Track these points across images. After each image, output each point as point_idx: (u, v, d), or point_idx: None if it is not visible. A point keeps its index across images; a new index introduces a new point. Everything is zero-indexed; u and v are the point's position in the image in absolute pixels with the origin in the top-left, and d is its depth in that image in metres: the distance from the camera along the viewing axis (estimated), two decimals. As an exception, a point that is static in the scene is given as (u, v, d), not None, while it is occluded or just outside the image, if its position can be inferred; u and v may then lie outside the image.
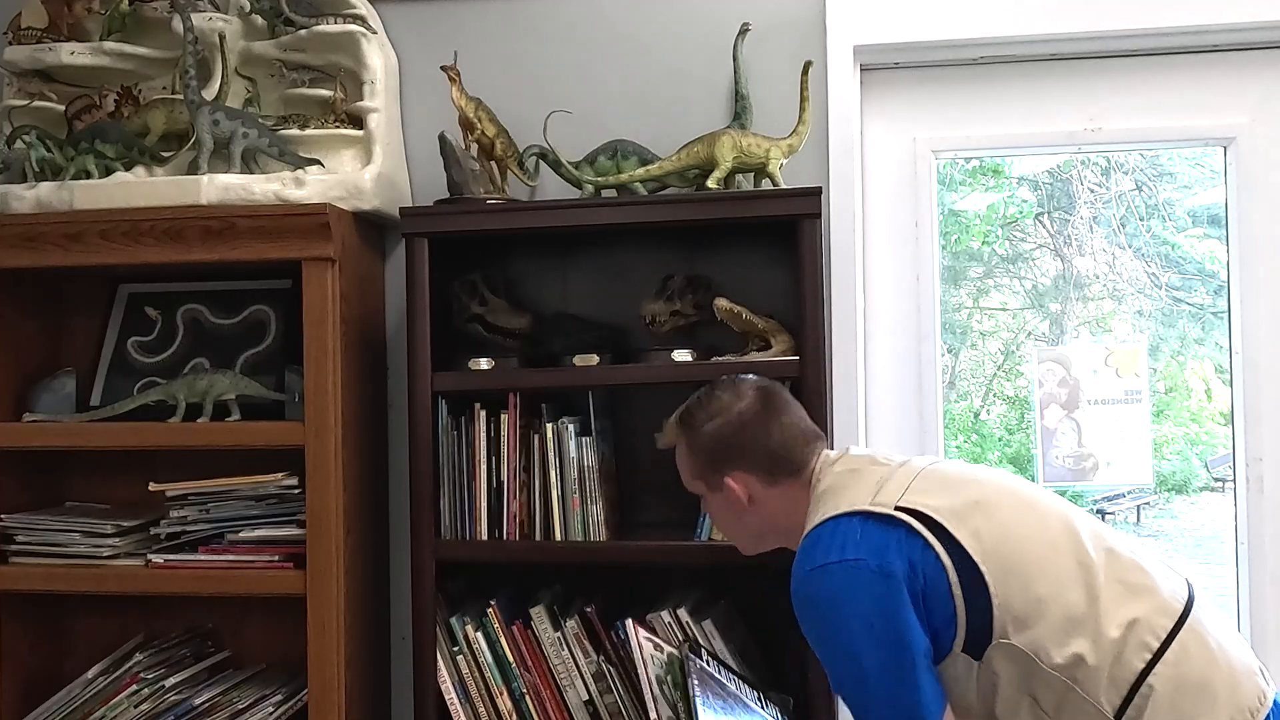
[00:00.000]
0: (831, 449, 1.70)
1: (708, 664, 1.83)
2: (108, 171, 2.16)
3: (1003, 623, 1.43)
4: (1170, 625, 1.43)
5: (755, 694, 1.86)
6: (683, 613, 1.95)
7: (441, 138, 2.07)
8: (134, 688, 2.08)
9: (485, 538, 2.02)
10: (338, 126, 2.19)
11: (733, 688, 1.82)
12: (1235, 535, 2.20)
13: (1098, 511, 6.26)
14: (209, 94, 2.14)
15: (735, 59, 2.12)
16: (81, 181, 2.13)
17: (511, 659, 2.00)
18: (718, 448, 1.66)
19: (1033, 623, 1.42)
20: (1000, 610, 1.42)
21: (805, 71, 2.06)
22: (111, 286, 2.34)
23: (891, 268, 2.24)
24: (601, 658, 1.98)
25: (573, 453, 2.00)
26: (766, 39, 2.18)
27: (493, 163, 2.15)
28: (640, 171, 2.07)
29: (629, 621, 1.88)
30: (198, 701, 2.09)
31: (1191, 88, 2.19)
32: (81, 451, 2.27)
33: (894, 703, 1.42)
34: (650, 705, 1.82)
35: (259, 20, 2.21)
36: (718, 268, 2.15)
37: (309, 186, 2.08)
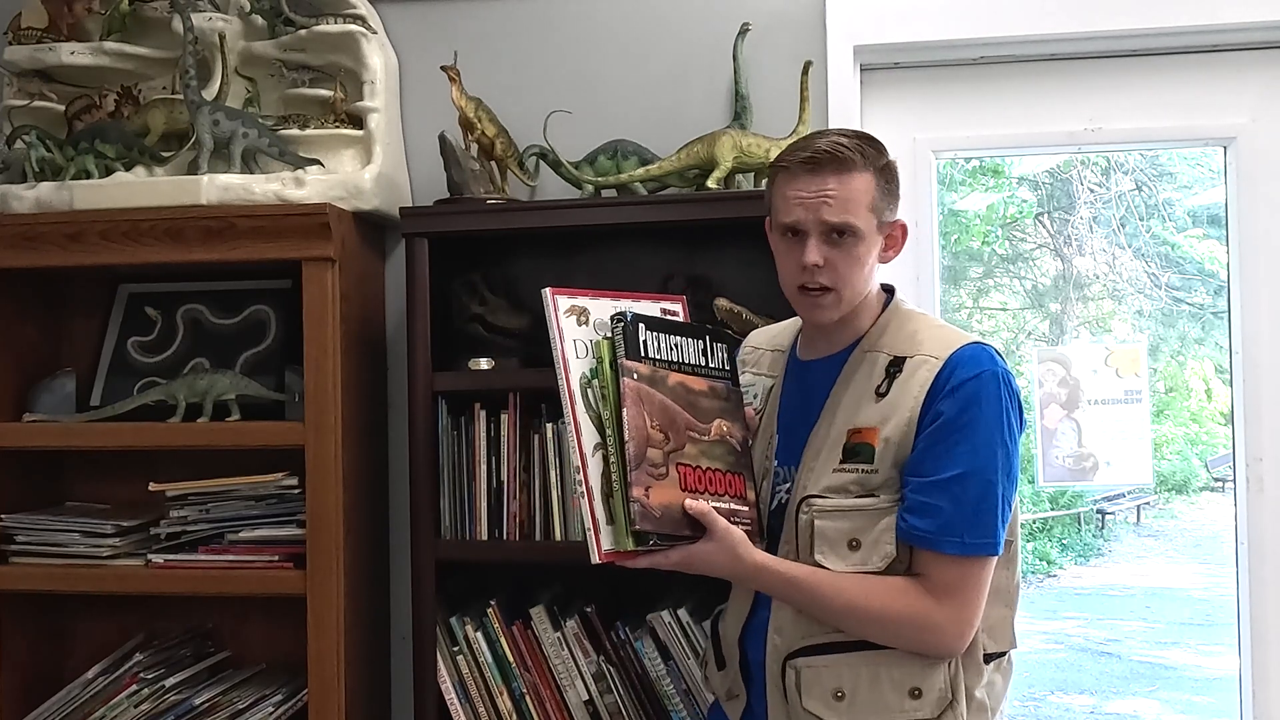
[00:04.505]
0: None
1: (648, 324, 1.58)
2: (108, 171, 2.16)
3: None
4: None
5: (704, 337, 1.64)
6: (683, 613, 1.95)
7: (441, 138, 2.07)
8: (134, 688, 2.08)
9: (485, 538, 2.02)
10: (338, 126, 2.19)
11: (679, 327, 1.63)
12: (1235, 535, 2.20)
13: (1098, 512, 6.29)
14: (209, 94, 2.14)
15: (735, 59, 2.13)
16: (81, 181, 2.13)
17: (511, 659, 2.00)
18: (896, 185, 1.57)
19: None
20: None
21: (805, 71, 2.06)
22: (111, 286, 2.34)
23: (891, 267, 2.24)
24: (601, 658, 1.99)
25: (573, 453, 1.99)
26: (766, 39, 2.18)
27: (493, 163, 2.15)
28: (640, 171, 2.07)
29: (548, 291, 1.59)
30: (198, 701, 2.09)
31: (1191, 88, 2.19)
32: (81, 451, 2.27)
33: (991, 511, 1.45)
34: (571, 430, 1.50)
35: (259, 20, 2.21)
36: (718, 268, 2.16)
37: (309, 186, 2.08)
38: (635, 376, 1.50)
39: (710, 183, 2.01)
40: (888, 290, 1.63)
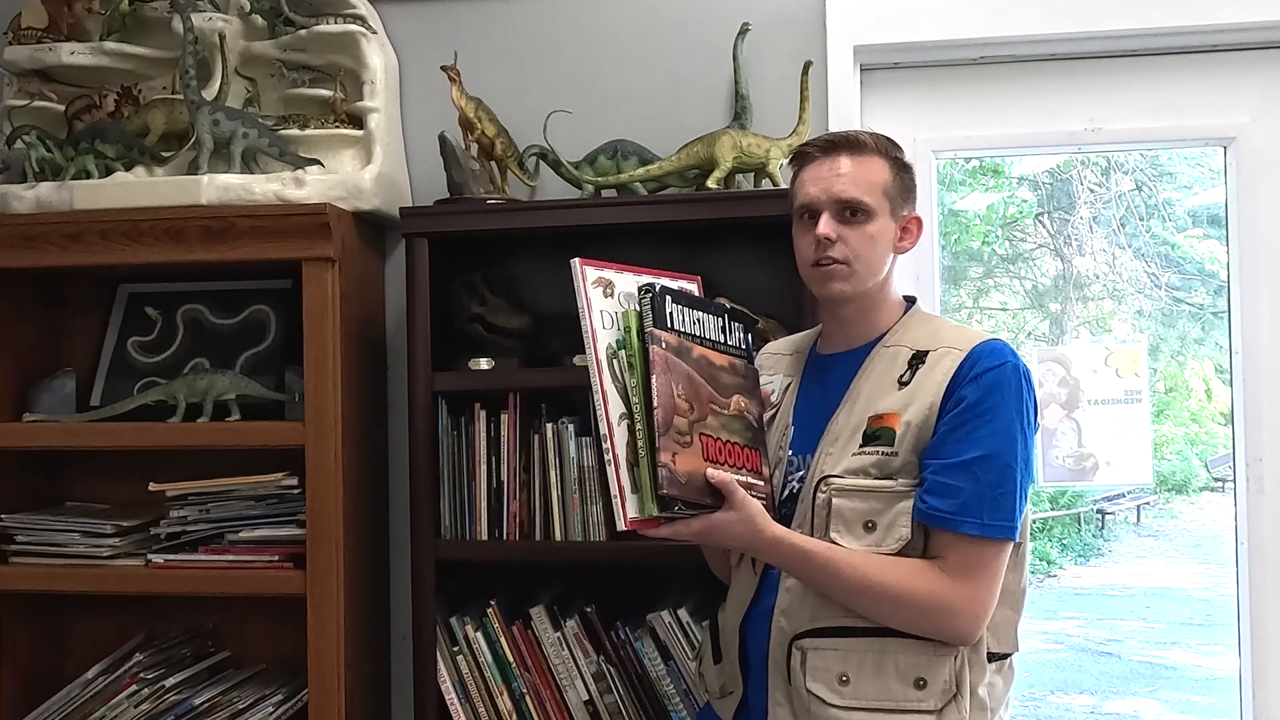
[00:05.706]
0: None
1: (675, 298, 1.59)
2: (108, 171, 2.16)
3: None
4: None
5: (723, 315, 1.67)
6: (683, 613, 1.95)
7: (441, 138, 2.07)
8: (134, 688, 2.08)
9: (485, 538, 2.03)
10: (338, 126, 2.19)
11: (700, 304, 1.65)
12: (1235, 535, 2.20)
13: (1098, 512, 6.28)
14: (209, 94, 2.14)
15: (735, 59, 2.13)
16: (81, 181, 2.13)
17: (511, 659, 2.00)
18: (912, 181, 1.62)
19: None
20: None
21: (805, 71, 2.06)
22: (111, 286, 2.34)
23: (891, 268, 2.24)
24: (601, 658, 1.99)
25: (573, 453, 2.00)
26: (766, 39, 2.18)
27: (493, 163, 2.15)
28: (640, 171, 2.08)
29: (577, 261, 1.58)
30: (198, 701, 2.09)
31: (1191, 88, 2.19)
32: (81, 451, 2.27)
33: (1010, 495, 1.47)
34: (599, 399, 1.49)
35: (259, 20, 2.21)
36: (717, 268, 2.15)
37: (309, 186, 2.08)
38: (664, 345, 1.51)
39: (710, 183, 2.01)
40: (910, 300, 1.66)
